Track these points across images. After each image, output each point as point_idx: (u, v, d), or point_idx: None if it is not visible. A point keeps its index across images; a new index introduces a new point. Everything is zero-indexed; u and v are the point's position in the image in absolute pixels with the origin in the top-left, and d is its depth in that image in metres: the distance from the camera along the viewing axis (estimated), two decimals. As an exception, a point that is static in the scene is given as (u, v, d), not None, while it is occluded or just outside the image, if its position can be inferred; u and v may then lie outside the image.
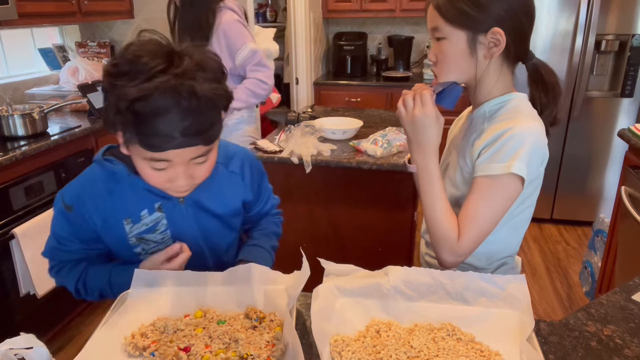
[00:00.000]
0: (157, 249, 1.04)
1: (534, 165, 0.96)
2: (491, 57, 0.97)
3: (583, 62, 3.05)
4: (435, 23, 0.98)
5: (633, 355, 0.83)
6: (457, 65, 0.99)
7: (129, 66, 0.80)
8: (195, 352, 0.84)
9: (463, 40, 0.96)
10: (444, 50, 0.99)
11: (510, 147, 0.94)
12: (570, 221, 3.42)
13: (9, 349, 0.70)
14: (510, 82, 1.04)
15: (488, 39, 0.95)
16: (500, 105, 1.02)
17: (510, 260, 1.13)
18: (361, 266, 1.01)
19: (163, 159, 0.85)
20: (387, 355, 0.82)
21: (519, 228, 1.08)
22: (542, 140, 0.96)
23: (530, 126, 0.95)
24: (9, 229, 1.89)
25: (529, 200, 1.05)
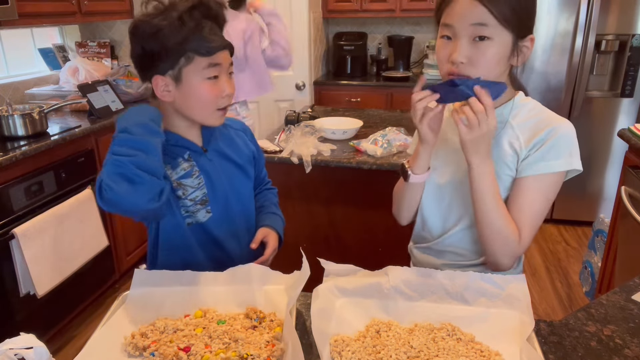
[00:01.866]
0: (195, 195, 1.12)
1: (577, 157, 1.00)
2: (524, 61, 0.97)
3: (583, 62, 3.04)
4: (482, 19, 0.90)
5: (633, 355, 0.83)
6: (496, 69, 0.94)
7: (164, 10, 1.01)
8: (195, 352, 0.84)
9: (509, 42, 0.92)
10: (486, 51, 0.92)
11: (564, 144, 0.97)
12: (570, 221, 3.42)
13: (9, 349, 0.70)
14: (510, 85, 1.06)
15: (525, 45, 0.95)
16: (519, 107, 1.03)
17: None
18: (361, 266, 1.01)
19: (215, 62, 1.04)
20: (387, 355, 0.82)
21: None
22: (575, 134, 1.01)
23: (569, 123, 1.00)
24: (9, 229, 1.89)
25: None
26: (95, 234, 2.31)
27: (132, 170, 0.91)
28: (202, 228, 1.14)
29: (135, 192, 0.92)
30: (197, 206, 1.13)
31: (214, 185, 1.14)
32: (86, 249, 2.25)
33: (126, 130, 0.96)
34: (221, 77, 1.07)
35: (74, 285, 2.24)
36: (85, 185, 2.31)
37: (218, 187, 1.15)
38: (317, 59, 3.92)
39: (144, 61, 1.05)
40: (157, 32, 0.99)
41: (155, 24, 0.99)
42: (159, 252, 1.16)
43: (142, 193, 0.93)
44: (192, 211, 1.12)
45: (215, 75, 1.05)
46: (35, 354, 0.72)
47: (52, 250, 2.04)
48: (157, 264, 1.17)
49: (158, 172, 0.96)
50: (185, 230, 1.13)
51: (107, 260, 2.53)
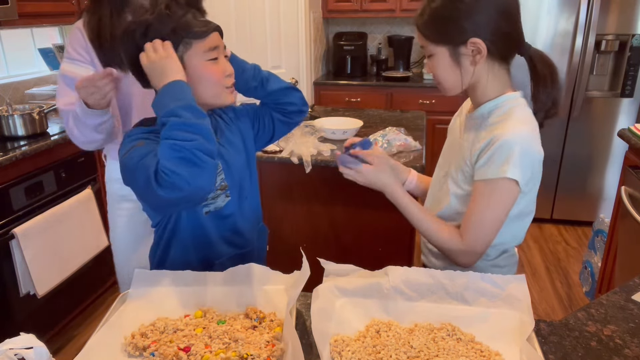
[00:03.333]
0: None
1: (527, 168, 1.00)
2: (476, 64, 1.02)
3: (583, 62, 3.04)
4: (422, 42, 1.07)
5: (633, 355, 0.83)
6: (448, 77, 1.05)
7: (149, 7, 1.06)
8: (195, 352, 0.84)
9: (446, 54, 1.03)
10: (434, 65, 1.06)
11: (502, 153, 0.99)
12: (570, 221, 3.42)
13: (9, 349, 0.70)
14: (506, 80, 1.08)
15: (469, 49, 1.01)
16: (495, 106, 1.06)
17: (511, 248, 1.16)
18: (361, 266, 1.01)
19: (213, 45, 1.05)
20: (387, 355, 0.82)
21: (524, 219, 1.11)
22: (531, 143, 1.00)
23: (518, 131, 0.99)
24: (9, 229, 1.89)
25: (531, 195, 1.08)
26: (95, 234, 2.31)
27: (196, 153, 0.92)
28: (220, 214, 1.15)
29: (201, 175, 0.93)
30: (218, 192, 1.13)
31: (231, 169, 1.15)
32: (86, 249, 2.25)
33: (175, 114, 0.95)
34: (220, 58, 1.08)
35: (74, 285, 2.24)
36: (85, 185, 2.31)
37: (234, 171, 1.17)
38: (317, 59, 3.92)
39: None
40: (148, 27, 1.00)
41: (143, 21, 1.01)
42: (172, 250, 1.15)
43: (207, 176, 0.95)
44: (211, 198, 1.12)
45: (215, 57, 1.06)
46: (35, 354, 0.72)
47: (52, 250, 2.04)
48: (167, 262, 1.16)
49: (215, 155, 0.97)
50: (204, 220, 1.13)
51: (107, 260, 2.52)
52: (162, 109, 0.97)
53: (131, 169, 0.98)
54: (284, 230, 2.14)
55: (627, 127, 2.13)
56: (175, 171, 0.91)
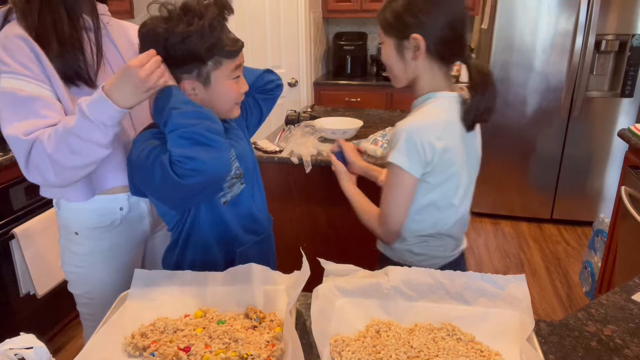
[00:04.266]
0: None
1: (414, 155, 1.08)
2: (416, 59, 1.10)
3: (583, 62, 3.04)
4: (379, 31, 1.18)
5: (633, 355, 0.83)
6: (394, 67, 1.15)
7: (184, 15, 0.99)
8: (195, 352, 0.84)
9: (392, 45, 1.13)
10: (384, 53, 1.17)
11: (393, 140, 1.11)
12: (570, 221, 3.42)
13: (9, 349, 0.70)
14: (442, 81, 1.14)
15: (411, 44, 1.09)
16: (422, 101, 1.15)
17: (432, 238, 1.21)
18: (361, 266, 1.01)
19: (239, 63, 1.08)
20: (387, 355, 0.82)
21: (442, 211, 1.18)
22: (420, 133, 1.08)
23: (410, 121, 1.10)
24: (9, 229, 1.88)
25: (444, 188, 1.15)
26: (95, 234, 2.30)
27: (205, 135, 0.94)
28: (237, 202, 1.17)
29: (216, 154, 0.95)
30: (234, 180, 1.16)
31: (242, 158, 1.18)
32: (86, 249, 2.25)
33: (174, 107, 0.96)
34: (241, 76, 1.12)
35: (74, 285, 2.24)
36: (85, 185, 2.31)
37: (245, 159, 1.19)
38: (317, 59, 3.92)
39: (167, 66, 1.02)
40: (185, 39, 0.99)
41: (182, 30, 0.98)
42: (190, 249, 1.16)
43: (222, 154, 0.97)
44: (227, 187, 1.14)
45: (238, 76, 1.10)
46: (35, 354, 0.72)
47: (52, 250, 2.03)
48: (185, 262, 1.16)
49: (223, 134, 0.99)
50: (223, 210, 1.15)
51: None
52: (161, 111, 0.98)
53: (146, 168, 0.98)
54: (283, 230, 2.14)
55: (627, 127, 2.13)
56: (190, 156, 0.92)
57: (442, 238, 1.22)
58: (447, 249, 1.24)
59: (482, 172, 1.30)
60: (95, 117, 0.94)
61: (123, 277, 1.21)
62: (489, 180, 3.42)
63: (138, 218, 1.25)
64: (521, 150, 3.33)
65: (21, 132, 0.99)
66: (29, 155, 1.00)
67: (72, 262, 1.24)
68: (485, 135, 1.26)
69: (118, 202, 1.19)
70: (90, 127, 0.95)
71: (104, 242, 1.21)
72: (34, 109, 1.00)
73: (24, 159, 1.01)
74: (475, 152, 1.22)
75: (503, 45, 3.14)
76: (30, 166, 1.01)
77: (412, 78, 1.14)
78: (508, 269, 2.88)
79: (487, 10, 3.34)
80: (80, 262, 1.22)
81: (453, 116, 1.12)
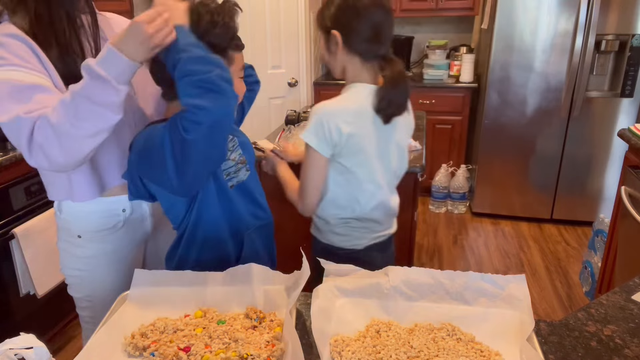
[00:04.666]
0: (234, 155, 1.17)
1: (322, 136, 1.20)
2: (338, 52, 1.23)
3: (583, 62, 3.04)
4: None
5: (633, 355, 0.83)
6: (326, 57, 1.29)
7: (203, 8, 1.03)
8: (195, 352, 0.84)
9: (322, 38, 1.27)
10: (320, 46, 1.31)
11: (308, 121, 1.23)
12: (570, 221, 3.42)
13: (9, 349, 0.70)
14: (361, 73, 1.25)
15: (332, 39, 1.23)
16: (344, 90, 1.27)
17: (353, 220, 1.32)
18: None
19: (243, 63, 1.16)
20: (387, 355, 0.82)
21: (357, 195, 1.29)
22: (329, 116, 1.19)
23: (322, 105, 1.21)
24: (9, 229, 1.88)
25: (359, 172, 1.26)
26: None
27: (219, 83, 0.92)
28: (243, 187, 1.20)
29: (226, 102, 0.94)
30: (239, 165, 1.18)
31: (244, 148, 1.20)
32: (86, 249, 2.25)
33: (185, 51, 0.93)
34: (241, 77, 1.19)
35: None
36: (85, 185, 2.31)
37: (248, 147, 1.24)
38: (317, 59, 3.92)
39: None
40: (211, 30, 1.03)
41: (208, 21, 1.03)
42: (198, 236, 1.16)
43: (231, 104, 0.96)
44: (234, 172, 1.17)
45: (242, 76, 1.18)
46: (35, 354, 0.72)
47: (52, 250, 2.02)
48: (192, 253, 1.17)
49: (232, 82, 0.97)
50: (231, 194, 1.16)
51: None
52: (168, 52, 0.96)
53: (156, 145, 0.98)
54: (284, 230, 2.14)
55: (627, 127, 2.13)
56: (200, 105, 0.90)
57: (363, 221, 1.33)
58: (371, 231, 1.36)
59: (482, 172, 1.31)
60: (107, 72, 0.89)
61: (125, 279, 1.20)
62: (489, 180, 3.42)
63: (140, 219, 1.25)
64: (521, 150, 3.33)
65: (22, 111, 0.92)
66: (31, 134, 0.93)
67: (74, 266, 1.23)
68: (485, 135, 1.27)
69: (120, 204, 1.19)
70: (102, 87, 0.90)
71: (107, 244, 1.21)
72: (34, 96, 0.94)
73: (26, 139, 0.93)
74: (394, 146, 1.32)
75: (503, 45, 3.14)
76: (34, 146, 0.93)
77: (341, 69, 1.27)
78: (508, 269, 2.89)
79: (487, 10, 3.34)
80: (83, 266, 1.22)
81: (367, 106, 1.23)
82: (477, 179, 3.46)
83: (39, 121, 0.92)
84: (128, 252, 1.26)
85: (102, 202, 1.17)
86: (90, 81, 0.90)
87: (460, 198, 3.59)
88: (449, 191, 3.61)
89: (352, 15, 1.19)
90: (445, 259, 3.00)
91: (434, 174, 3.63)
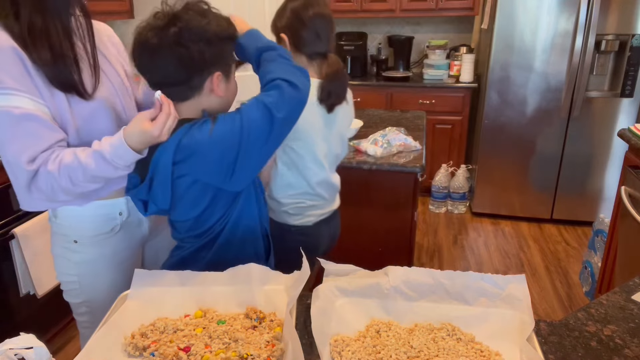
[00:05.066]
0: None
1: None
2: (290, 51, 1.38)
3: (583, 62, 3.04)
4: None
5: (633, 355, 0.83)
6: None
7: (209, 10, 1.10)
8: (195, 352, 0.84)
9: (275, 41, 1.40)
10: None
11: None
12: (570, 221, 3.42)
13: (9, 349, 0.70)
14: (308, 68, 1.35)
15: (282, 41, 1.43)
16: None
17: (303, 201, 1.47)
18: (361, 266, 1.01)
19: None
20: (387, 355, 0.82)
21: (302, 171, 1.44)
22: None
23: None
24: (9, 229, 1.88)
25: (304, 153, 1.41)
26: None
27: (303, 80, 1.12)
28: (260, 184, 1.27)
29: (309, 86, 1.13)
30: None
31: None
32: (86, 249, 2.25)
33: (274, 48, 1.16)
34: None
35: (74, 285, 2.24)
36: (85, 185, 2.30)
37: None
38: (317, 59, 3.91)
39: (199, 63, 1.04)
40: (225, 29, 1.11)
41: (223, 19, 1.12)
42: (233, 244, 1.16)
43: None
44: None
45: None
46: (35, 354, 0.72)
47: (52, 250, 2.04)
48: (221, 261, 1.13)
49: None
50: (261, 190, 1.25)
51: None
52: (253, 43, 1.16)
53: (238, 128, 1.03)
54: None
55: (627, 127, 2.13)
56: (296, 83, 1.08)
57: (311, 198, 1.48)
58: (318, 208, 1.51)
59: (482, 172, 1.31)
60: (117, 163, 1.00)
61: (124, 283, 1.18)
62: (489, 180, 3.42)
63: (137, 223, 1.25)
64: (521, 150, 3.33)
65: (24, 161, 1.01)
66: (31, 181, 1.04)
67: (71, 272, 1.22)
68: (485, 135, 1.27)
69: (117, 207, 1.19)
70: (111, 170, 1.01)
71: (105, 248, 1.20)
72: (31, 129, 1.00)
73: (24, 184, 1.06)
74: (336, 132, 1.49)
75: (503, 45, 3.14)
76: (34, 191, 1.07)
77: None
78: (508, 269, 2.89)
79: (487, 10, 3.34)
80: (81, 271, 1.21)
81: (313, 97, 1.37)
82: (477, 179, 3.46)
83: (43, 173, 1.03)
84: (126, 256, 1.25)
85: (98, 205, 1.16)
86: (102, 163, 1.01)
87: (460, 198, 3.59)
88: (449, 191, 3.61)
89: (299, 24, 1.41)
90: (445, 259, 3.00)
91: (434, 174, 3.63)
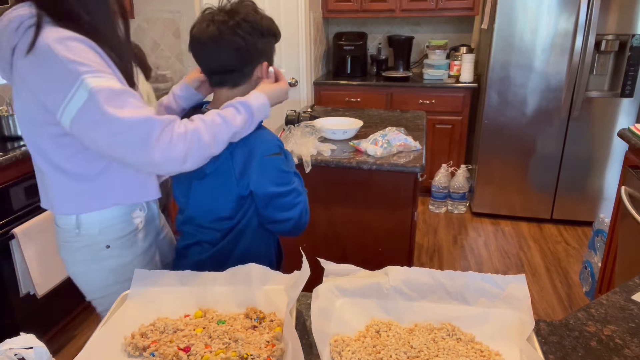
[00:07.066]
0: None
1: None
2: None
3: (583, 62, 3.04)
4: None
5: (633, 355, 0.83)
6: None
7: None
8: (195, 352, 0.84)
9: None
10: None
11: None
12: (570, 221, 3.42)
13: (9, 349, 0.70)
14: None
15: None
16: None
17: None
18: (361, 266, 1.01)
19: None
20: (387, 355, 0.82)
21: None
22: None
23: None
24: (9, 229, 1.89)
25: None
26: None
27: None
28: None
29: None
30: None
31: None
32: (86, 249, 2.24)
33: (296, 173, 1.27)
34: None
35: (74, 285, 2.23)
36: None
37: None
38: (317, 59, 3.92)
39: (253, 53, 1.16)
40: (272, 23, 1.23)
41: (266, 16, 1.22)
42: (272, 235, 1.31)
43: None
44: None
45: None
46: (35, 354, 0.72)
47: (52, 250, 2.03)
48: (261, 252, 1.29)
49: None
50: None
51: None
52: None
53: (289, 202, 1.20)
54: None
55: (627, 127, 2.13)
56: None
57: None
58: None
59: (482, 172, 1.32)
60: (259, 118, 1.14)
61: None
62: (489, 180, 3.42)
63: (152, 218, 1.26)
64: (521, 150, 3.33)
65: (150, 114, 0.96)
66: (161, 132, 0.96)
67: (109, 281, 1.17)
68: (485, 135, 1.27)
69: (137, 204, 1.18)
70: (252, 125, 1.13)
71: (137, 247, 1.18)
72: (137, 102, 0.98)
73: (155, 135, 0.95)
74: None
75: (503, 45, 3.14)
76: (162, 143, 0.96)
77: None
78: (508, 269, 2.89)
79: (487, 10, 3.34)
80: (119, 277, 1.16)
81: None
82: (477, 179, 3.46)
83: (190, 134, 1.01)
84: (153, 252, 1.24)
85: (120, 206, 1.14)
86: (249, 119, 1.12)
87: (460, 198, 3.59)
88: (449, 191, 3.61)
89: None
90: (445, 259, 3.00)
91: (434, 174, 3.63)
